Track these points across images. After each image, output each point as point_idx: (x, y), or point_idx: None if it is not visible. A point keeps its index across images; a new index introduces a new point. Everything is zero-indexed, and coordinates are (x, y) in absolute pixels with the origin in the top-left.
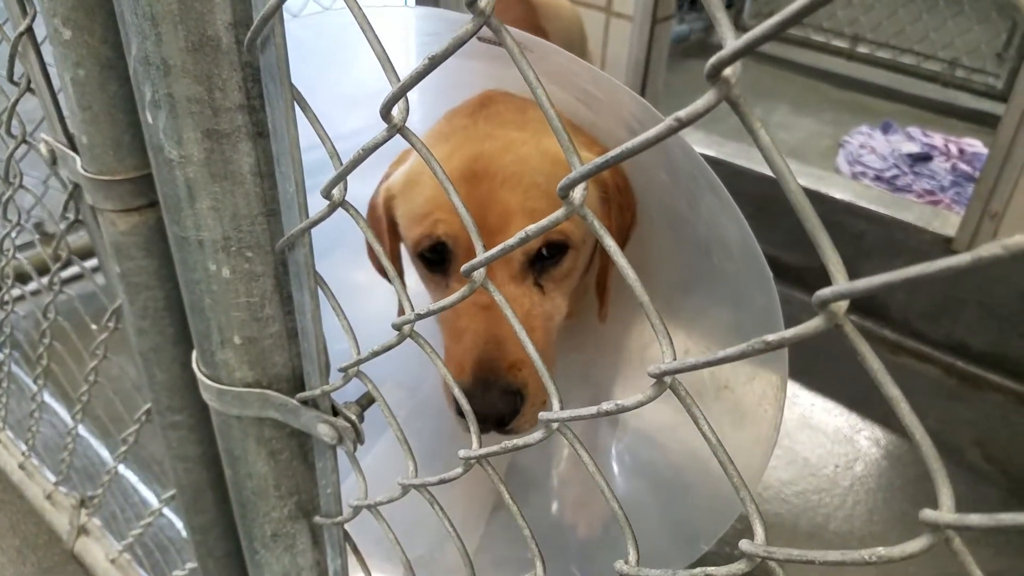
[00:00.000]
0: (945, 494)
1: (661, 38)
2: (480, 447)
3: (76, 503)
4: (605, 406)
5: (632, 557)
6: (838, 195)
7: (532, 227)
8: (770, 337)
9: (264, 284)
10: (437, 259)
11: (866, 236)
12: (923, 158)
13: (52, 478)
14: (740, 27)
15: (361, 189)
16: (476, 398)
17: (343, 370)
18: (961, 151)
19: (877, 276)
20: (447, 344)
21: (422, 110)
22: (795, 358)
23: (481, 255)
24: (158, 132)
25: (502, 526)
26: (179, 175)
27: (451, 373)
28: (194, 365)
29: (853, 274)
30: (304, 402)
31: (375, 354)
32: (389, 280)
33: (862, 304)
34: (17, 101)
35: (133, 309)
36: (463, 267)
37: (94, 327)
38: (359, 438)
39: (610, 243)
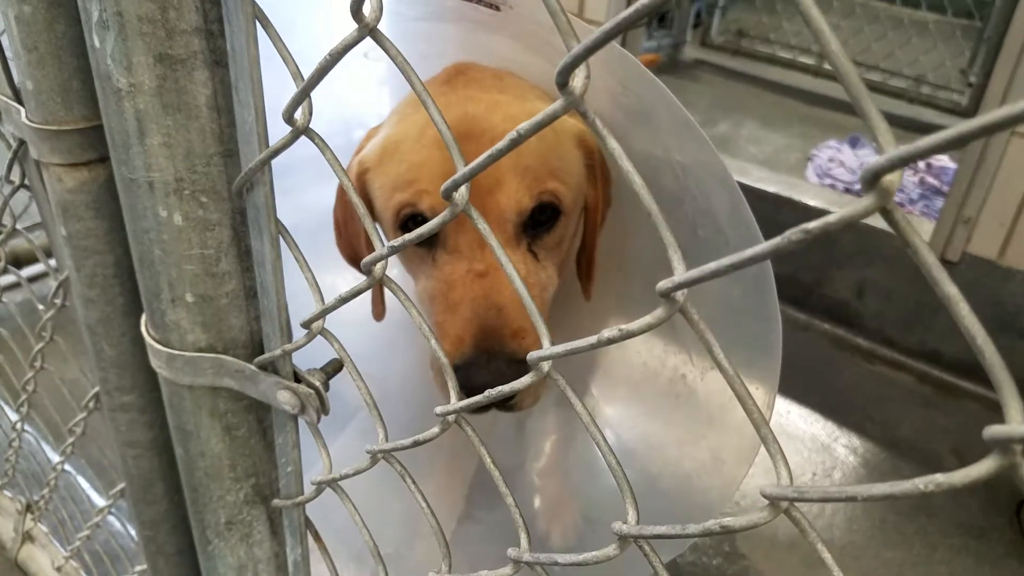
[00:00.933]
0: (1015, 408)
1: (632, 45)
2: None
3: (21, 508)
4: (607, 333)
5: (632, 516)
6: (811, 202)
7: (525, 124)
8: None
9: (220, 234)
10: None
11: (840, 242)
12: None
13: None
14: (707, 44)
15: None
16: (481, 368)
17: (306, 325)
18: (928, 165)
19: None
20: (439, 319)
21: (395, 79)
22: None
23: (462, 169)
24: (105, 57)
25: (475, 522)
26: (128, 107)
27: (446, 348)
28: (143, 328)
29: (827, 280)
30: (263, 367)
31: (342, 300)
32: (358, 268)
33: (835, 312)
34: None
35: (80, 276)
36: (442, 187)
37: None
38: (323, 407)
39: (614, 145)
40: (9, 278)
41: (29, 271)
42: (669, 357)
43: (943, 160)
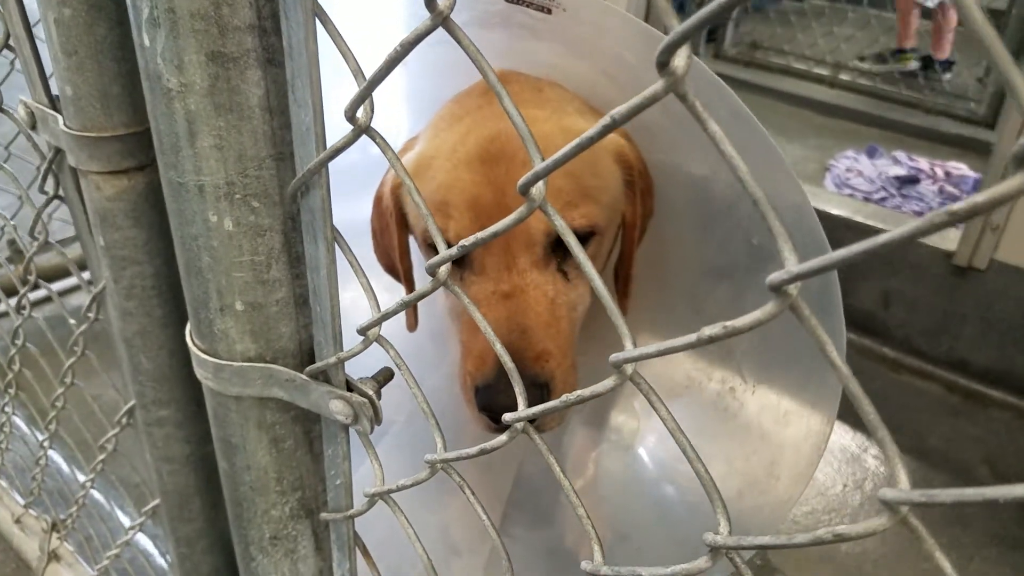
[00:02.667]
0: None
1: None
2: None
3: (47, 527)
4: (708, 331)
5: (724, 527)
6: (835, 211)
7: (620, 109)
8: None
9: (271, 240)
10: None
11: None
12: (910, 180)
13: (21, 501)
14: (721, 57)
15: (352, 215)
16: (500, 392)
17: (362, 331)
18: (947, 174)
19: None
20: (464, 339)
21: (432, 92)
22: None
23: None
24: (155, 56)
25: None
26: (178, 107)
27: (468, 367)
28: (188, 339)
29: (853, 290)
30: (314, 376)
31: (404, 305)
32: (396, 277)
33: (861, 322)
34: None
35: (118, 288)
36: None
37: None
38: (377, 417)
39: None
40: (38, 293)
41: (56, 286)
42: (715, 369)
43: (962, 168)
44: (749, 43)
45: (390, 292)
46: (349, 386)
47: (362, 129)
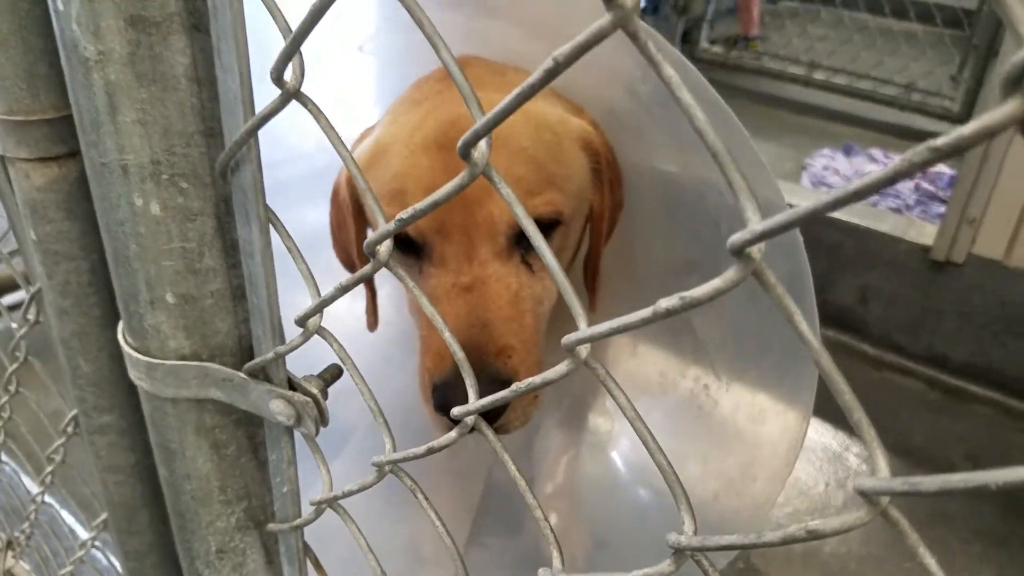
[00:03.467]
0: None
1: None
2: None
3: (2, 545)
4: (664, 303)
5: (688, 527)
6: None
7: (563, 48)
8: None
9: (202, 225)
10: (408, 240)
11: (843, 247)
12: None
13: None
14: (696, 58)
15: (315, 214)
16: (459, 390)
17: (301, 322)
18: (924, 171)
19: None
20: (423, 334)
21: (390, 79)
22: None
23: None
24: (70, 22)
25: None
26: (97, 78)
27: (427, 364)
28: (120, 337)
29: (830, 286)
30: (253, 375)
31: (343, 289)
32: (352, 271)
33: (839, 319)
34: None
35: (52, 284)
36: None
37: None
38: (323, 418)
39: (670, 72)
40: None
41: (7, 300)
42: (689, 367)
43: (939, 166)
44: (723, 40)
45: (353, 297)
46: (292, 385)
47: (290, 93)
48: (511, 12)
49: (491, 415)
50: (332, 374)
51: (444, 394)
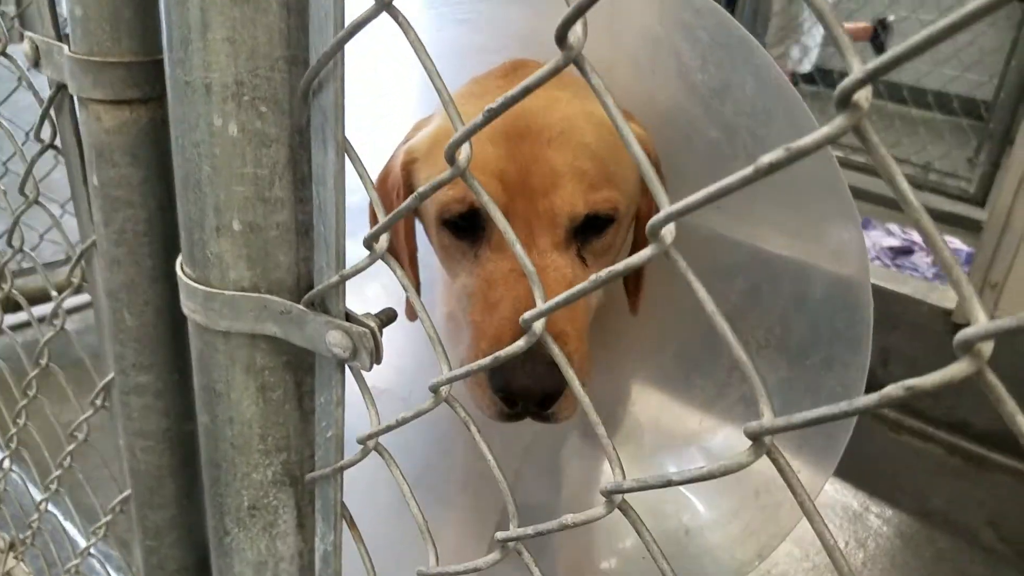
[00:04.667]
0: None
1: None
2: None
3: (5, 546)
4: (767, 157)
5: (768, 415)
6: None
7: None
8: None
9: (276, 153)
10: (467, 225)
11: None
12: (904, 251)
13: None
14: None
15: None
16: (518, 371)
17: (368, 242)
18: None
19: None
20: (476, 319)
21: (448, 74)
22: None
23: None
24: None
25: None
26: None
27: (483, 347)
28: (178, 269)
29: None
30: (311, 305)
31: (421, 197)
32: (398, 260)
33: None
34: None
35: (108, 232)
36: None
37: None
38: (378, 353)
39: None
40: (19, 317)
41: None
42: (721, 426)
43: (955, 243)
44: None
45: (377, 280)
46: (348, 318)
47: (384, 3)
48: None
49: (544, 403)
50: (388, 316)
51: (505, 376)
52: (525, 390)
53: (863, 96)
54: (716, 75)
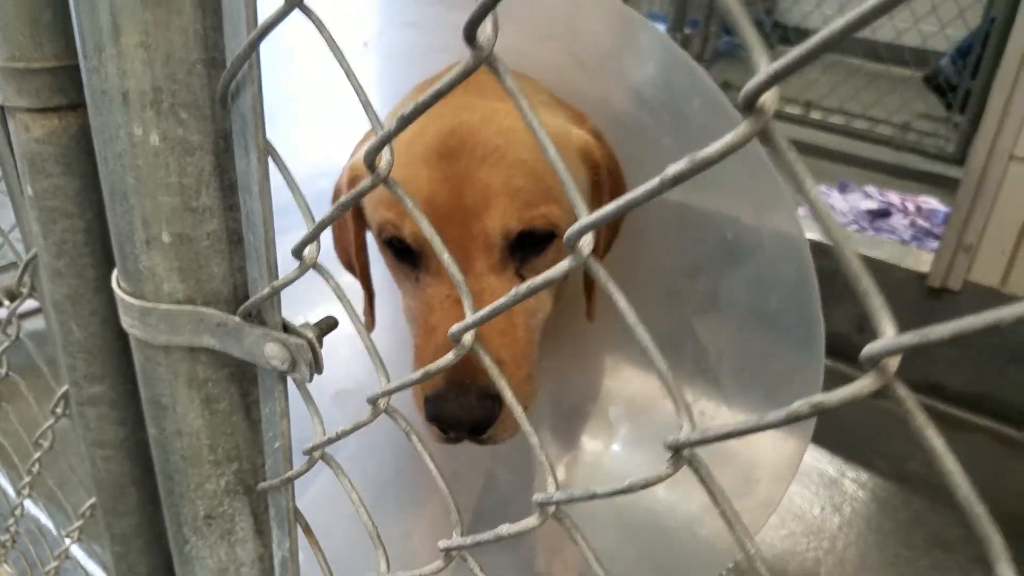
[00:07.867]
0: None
1: None
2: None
3: None
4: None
5: (687, 428)
6: (809, 235)
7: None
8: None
9: (201, 161)
10: (404, 247)
11: (838, 276)
12: (882, 214)
13: None
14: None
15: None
16: (450, 401)
17: (297, 251)
18: (918, 208)
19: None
20: (418, 342)
21: (405, 74)
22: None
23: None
24: None
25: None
26: None
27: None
28: (114, 284)
29: (826, 314)
30: (248, 317)
31: (342, 207)
32: (353, 273)
33: (836, 347)
34: None
35: (47, 244)
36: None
37: None
38: (317, 363)
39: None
40: None
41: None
42: (687, 389)
43: (932, 203)
44: (720, 84)
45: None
46: (287, 329)
47: (294, 3)
48: (519, 13)
49: (480, 425)
50: (328, 324)
51: (436, 407)
52: (456, 419)
53: (769, 99)
54: (663, 94)
